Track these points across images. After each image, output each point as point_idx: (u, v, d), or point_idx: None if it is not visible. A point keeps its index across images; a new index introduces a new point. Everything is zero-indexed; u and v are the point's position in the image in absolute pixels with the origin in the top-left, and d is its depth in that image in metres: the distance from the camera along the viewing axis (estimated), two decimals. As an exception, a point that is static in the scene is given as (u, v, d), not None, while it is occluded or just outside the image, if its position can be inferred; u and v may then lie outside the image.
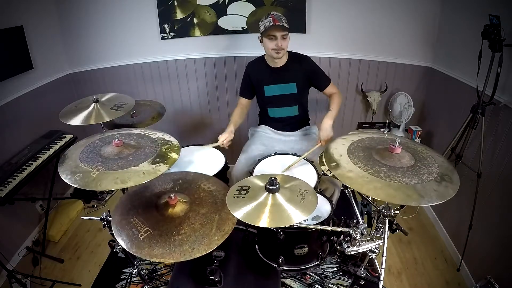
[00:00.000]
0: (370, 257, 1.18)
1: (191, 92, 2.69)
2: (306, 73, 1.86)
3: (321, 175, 1.54)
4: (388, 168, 1.03)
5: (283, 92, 1.89)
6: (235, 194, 1.12)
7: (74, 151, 1.23)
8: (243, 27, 2.39)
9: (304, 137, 1.99)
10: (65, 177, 1.09)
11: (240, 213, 1.02)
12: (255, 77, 1.92)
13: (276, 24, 1.66)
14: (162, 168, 1.14)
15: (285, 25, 1.69)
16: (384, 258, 1.09)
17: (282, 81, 1.87)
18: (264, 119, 2.06)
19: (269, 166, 1.66)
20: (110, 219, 1.26)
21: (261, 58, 1.90)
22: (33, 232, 2.28)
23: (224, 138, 1.73)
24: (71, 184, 1.07)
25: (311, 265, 1.38)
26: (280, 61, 1.83)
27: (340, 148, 1.16)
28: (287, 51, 1.86)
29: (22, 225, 2.21)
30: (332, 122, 1.74)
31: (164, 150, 1.25)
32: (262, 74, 1.89)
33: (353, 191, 1.44)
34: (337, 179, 1.45)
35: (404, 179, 0.98)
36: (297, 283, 1.87)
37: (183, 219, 1.11)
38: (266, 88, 1.90)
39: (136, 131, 1.39)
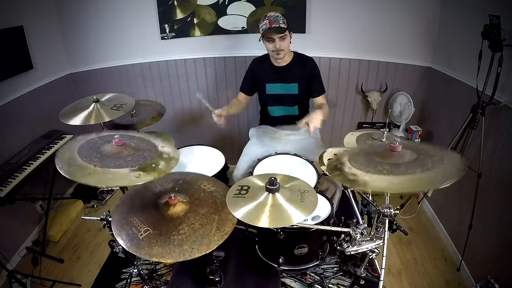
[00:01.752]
0: (370, 257, 1.18)
1: (191, 92, 2.69)
2: (307, 74, 1.86)
3: (321, 175, 1.54)
4: (390, 166, 1.02)
5: (284, 92, 1.89)
6: (235, 194, 1.12)
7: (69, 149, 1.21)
8: (243, 27, 2.39)
9: (304, 137, 1.98)
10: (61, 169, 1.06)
11: (240, 213, 1.02)
12: (258, 74, 1.92)
13: (272, 26, 1.66)
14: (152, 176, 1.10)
15: (282, 25, 1.67)
16: (384, 258, 1.09)
17: (284, 80, 1.87)
18: (265, 117, 2.07)
19: (269, 166, 1.66)
20: (110, 219, 1.26)
21: (266, 55, 1.90)
22: (33, 232, 2.28)
23: (219, 120, 1.69)
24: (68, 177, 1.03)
25: (311, 265, 1.38)
26: (284, 61, 1.83)
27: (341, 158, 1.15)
28: (293, 51, 1.86)
29: (22, 225, 2.21)
30: (321, 120, 1.62)
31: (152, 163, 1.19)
32: (265, 71, 1.89)
33: (353, 191, 1.44)
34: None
35: (408, 171, 0.96)
36: (297, 283, 1.87)
37: (183, 219, 1.11)
38: (268, 86, 1.90)
39: (137, 135, 1.37)
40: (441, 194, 2.22)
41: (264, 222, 0.98)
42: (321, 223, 1.28)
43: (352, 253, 1.16)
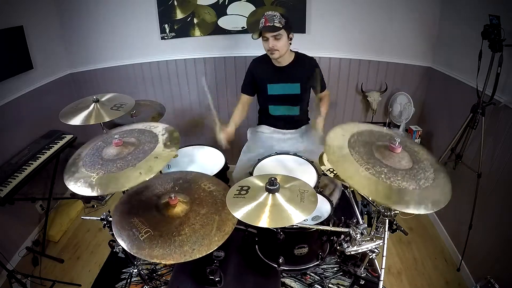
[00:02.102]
0: (370, 257, 1.18)
1: (191, 92, 2.69)
2: (309, 74, 1.85)
3: (321, 175, 1.54)
4: (389, 169, 1.01)
5: (286, 92, 1.88)
6: (235, 194, 1.12)
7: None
8: (243, 27, 2.39)
9: (303, 136, 1.99)
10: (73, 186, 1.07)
11: (240, 213, 1.02)
12: (258, 74, 1.90)
13: (266, 25, 1.65)
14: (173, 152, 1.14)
15: (276, 25, 1.64)
16: (384, 258, 1.09)
17: (286, 80, 1.85)
18: (264, 117, 2.05)
19: (269, 166, 1.66)
20: (110, 219, 1.26)
21: (266, 55, 1.89)
22: (33, 232, 2.28)
23: (225, 141, 1.70)
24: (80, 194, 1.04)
25: (311, 265, 1.38)
26: (285, 61, 1.82)
27: (340, 140, 1.12)
28: (294, 51, 1.86)
29: (22, 225, 2.21)
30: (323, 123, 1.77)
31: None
32: (266, 72, 1.87)
33: (353, 191, 1.44)
34: (337, 179, 1.45)
35: (403, 183, 0.96)
36: (297, 283, 1.87)
37: (183, 220, 1.11)
38: (270, 86, 1.89)
39: (140, 126, 1.37)
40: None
41: (264, 222, 0.98)
42: (321, 223, 1.28)
43: (352, 253, 1.15)
